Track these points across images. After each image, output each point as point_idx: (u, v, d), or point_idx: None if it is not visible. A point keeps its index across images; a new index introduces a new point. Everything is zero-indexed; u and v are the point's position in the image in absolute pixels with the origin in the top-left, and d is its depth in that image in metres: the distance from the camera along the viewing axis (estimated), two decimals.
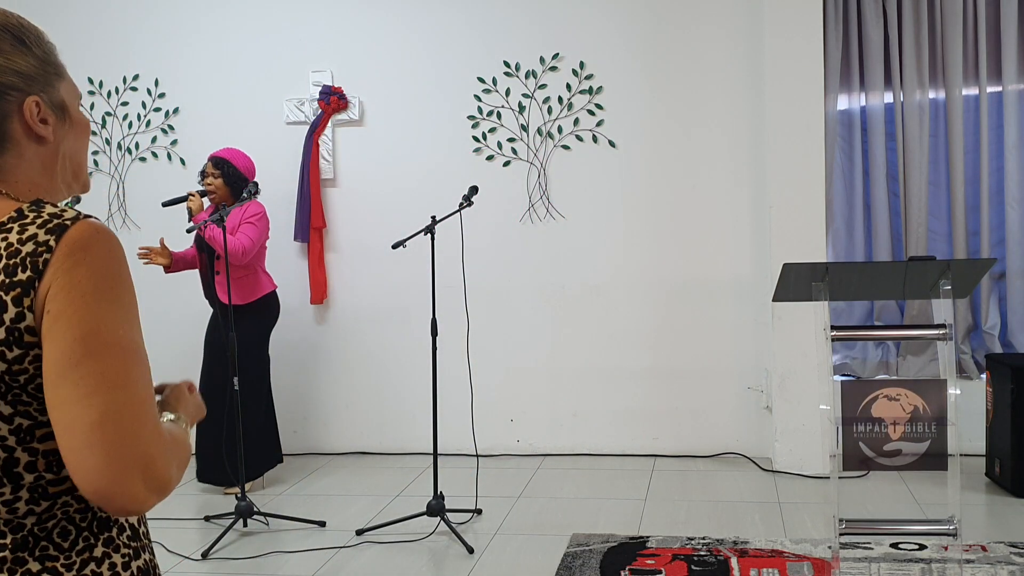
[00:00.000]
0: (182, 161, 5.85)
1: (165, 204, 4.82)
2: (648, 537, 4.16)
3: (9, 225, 1.14)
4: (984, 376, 4.93)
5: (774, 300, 3.59)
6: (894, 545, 3.91)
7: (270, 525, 4.45)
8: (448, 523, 4.27)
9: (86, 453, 1.08)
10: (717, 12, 5.35)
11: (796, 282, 3.40)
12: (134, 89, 5.87)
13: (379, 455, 5.73)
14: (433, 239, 4.39)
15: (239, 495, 4.37)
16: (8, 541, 1.14)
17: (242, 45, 5.73)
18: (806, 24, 5.04)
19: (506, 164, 5.56)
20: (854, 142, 5.44)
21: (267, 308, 5.04)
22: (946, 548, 3.81)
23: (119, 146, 5.92)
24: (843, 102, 5.43)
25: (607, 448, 5.56)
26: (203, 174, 4.90)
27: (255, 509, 4.41)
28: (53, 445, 1.12)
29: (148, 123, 5.89)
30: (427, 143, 5.63)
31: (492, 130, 5.57)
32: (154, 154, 5.91)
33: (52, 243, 1.11)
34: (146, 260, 4.74)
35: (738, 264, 5.39)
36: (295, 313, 5.64)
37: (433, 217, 4.41)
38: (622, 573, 3.77)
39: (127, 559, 1.22)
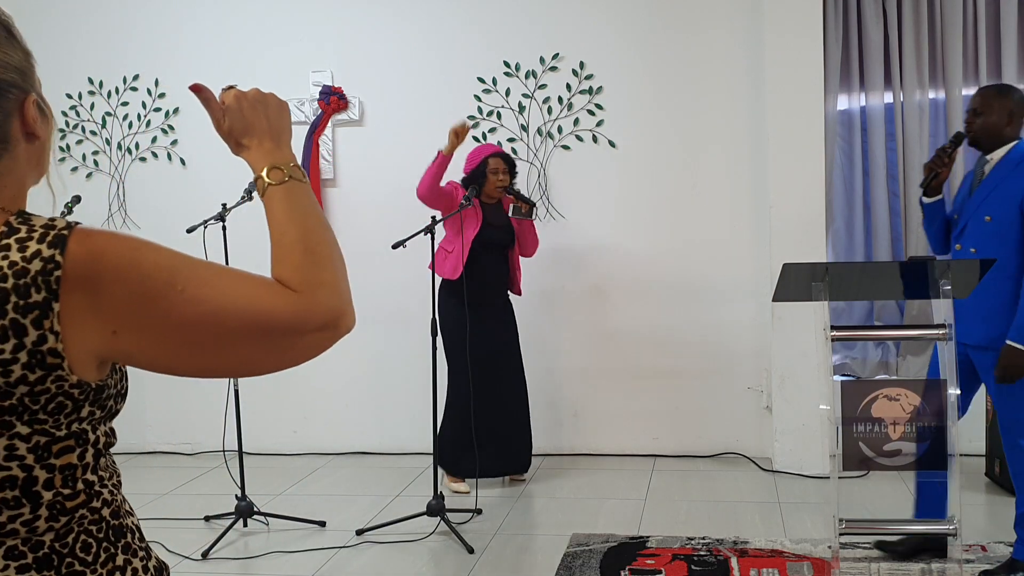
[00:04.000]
0: (182, 161, 5.85)
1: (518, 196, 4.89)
2: (648, 537, 4.16)
3: (4, 241, 1.07)
4: None
5: (774, 300, 3.59)
6: None
7: (270, 525, 4.46)
8: (448, 523, 4.27)
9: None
10: (717, 12, 5.35)
11: (796, 282, 3.40)
12: (134, 89, 5.86)
13: (379, 455, 5.73)
14: (433, 239, 4.39)
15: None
16: (30, 560, 1.11)
17: (242, 45, 5.72)
18: (806, 24, 5.04)
19: None
20: (854, 142, 5.44)
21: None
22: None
23: (119, 146, 5.91)
24: (843, 102, 5.43)
25: (607, 448, 5.55)
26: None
27: (255, 509, 4.41)
28: (70, 459, 1.12)
29: (148, 123, 5.89)
30: (427, 143, 5.59)
31: (492, 130, 5.57)
32: (154, 154, 5.91)
33: (58, 257, 1.05)
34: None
35: (738, 264, 5.39)
36: None
37: (433, 217, 4.41)
38: (622, 573, 3.77)
39: (144, 560, 1.22)
